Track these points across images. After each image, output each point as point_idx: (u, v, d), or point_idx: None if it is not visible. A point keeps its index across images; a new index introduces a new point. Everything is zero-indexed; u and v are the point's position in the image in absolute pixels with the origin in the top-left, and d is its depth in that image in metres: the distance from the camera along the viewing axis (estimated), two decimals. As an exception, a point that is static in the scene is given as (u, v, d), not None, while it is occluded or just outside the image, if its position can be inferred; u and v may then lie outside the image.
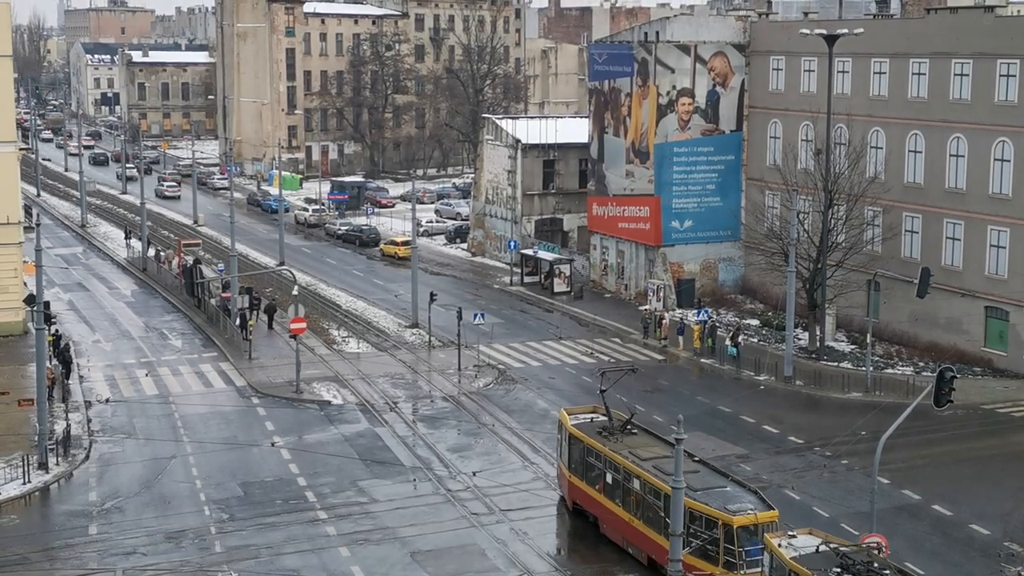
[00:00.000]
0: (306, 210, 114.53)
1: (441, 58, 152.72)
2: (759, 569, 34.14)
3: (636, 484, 39.02)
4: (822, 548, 32.12)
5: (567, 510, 43.74)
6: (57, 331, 63.36)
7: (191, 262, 79.97)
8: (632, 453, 40.07)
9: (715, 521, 35.46)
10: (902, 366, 62.03)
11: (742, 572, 34.85)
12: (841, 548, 32.00)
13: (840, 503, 43.56)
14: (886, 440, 35.17)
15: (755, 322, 71.02)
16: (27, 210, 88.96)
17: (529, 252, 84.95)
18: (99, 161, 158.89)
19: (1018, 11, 69.26)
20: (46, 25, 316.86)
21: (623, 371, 47.19)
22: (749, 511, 35.66)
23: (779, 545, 32.75)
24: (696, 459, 39.94)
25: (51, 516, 43.99)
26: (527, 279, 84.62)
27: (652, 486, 38.03)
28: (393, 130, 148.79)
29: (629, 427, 42.65)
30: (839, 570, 30.24)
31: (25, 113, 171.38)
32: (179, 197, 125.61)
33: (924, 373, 59.35)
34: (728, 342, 64.29)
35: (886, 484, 44.28)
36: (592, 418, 44.09)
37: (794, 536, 33.37)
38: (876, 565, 30.69)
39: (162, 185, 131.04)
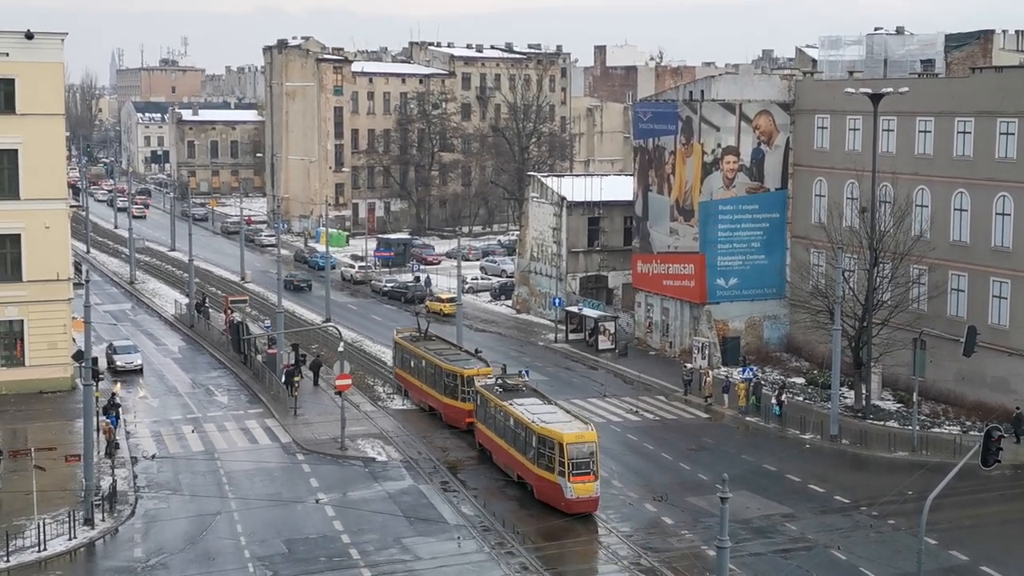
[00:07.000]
0: (352, 267, 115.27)
1: (487, 116, 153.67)
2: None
3: (423, 363, 64.87)
4: (498, 381, 56.88)
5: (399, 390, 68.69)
6: (113, 395, 63.04)
7: (237, 319, 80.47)
8: (425, 347, 66.18)
9: (456, 375, 61.02)
10: (949, 425, 61.46)
11: (469, 403, 58.99)
12: (505, 380, 56.79)
13: (887, 564, 43.15)
14: (933, 500, 34.85)
15: (800, 380, 70.63)
16: (76, 266, 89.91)
17: (574, 309, 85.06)
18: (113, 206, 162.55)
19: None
20: (98, 84, 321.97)
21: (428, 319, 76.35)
22: (474, 367, 61.08)
23: (477, 382, 58.14)
24: (464, 349, 66.93)
25: (96, 572, 44.19)
26: (572, 336, 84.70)
27: (429, 361, 63.95)
28: (439, 187, 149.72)
29: (428, 336, 68.67)
30: (498, 388, 55.81)
31: (71, 171, 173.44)
32: (145, 217, 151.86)
33: (971, 432, 58.83)
34: (773, 400, 64.00)
35: (933, 545, 43.82)
36: (411, 333, 69.70)
37: (490, 377, 58.45)
38: (518, 386, 56.06)
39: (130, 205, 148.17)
